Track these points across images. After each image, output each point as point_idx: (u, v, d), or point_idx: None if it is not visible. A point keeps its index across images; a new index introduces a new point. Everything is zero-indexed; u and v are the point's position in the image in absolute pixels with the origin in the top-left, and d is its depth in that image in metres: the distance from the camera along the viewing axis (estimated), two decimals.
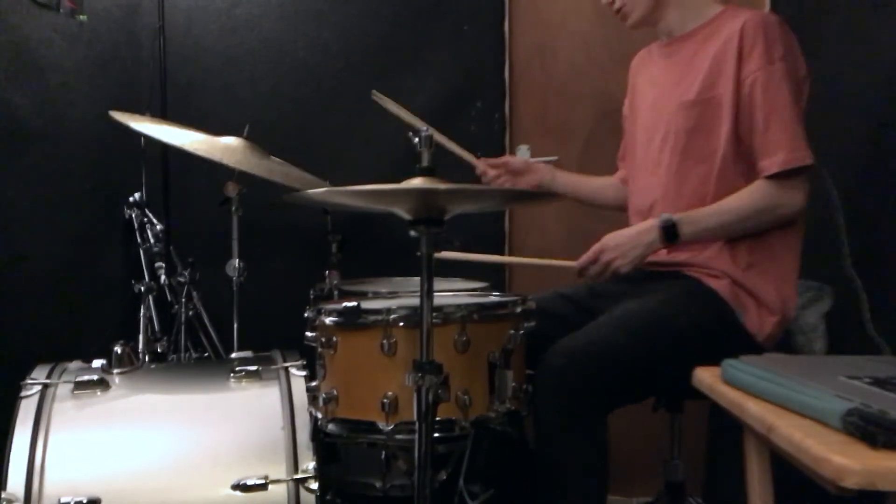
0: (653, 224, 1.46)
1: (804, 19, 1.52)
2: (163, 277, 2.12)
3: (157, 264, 2.16)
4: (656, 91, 1.65)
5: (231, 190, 1.98)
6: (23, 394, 1.40)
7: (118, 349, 1.53)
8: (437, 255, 1.20)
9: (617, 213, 1.81)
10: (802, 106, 1.47)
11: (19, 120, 1.95)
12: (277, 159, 1.98)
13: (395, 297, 1.67)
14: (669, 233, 1.44)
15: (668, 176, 1.57)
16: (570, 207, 2.06)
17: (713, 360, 1.08)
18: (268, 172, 1.83)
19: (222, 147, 1.88)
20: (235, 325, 2.00)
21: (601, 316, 1.47)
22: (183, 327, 2.07)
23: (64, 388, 1.42)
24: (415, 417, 1.14)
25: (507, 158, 1.81)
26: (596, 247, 1.47)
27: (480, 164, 1.80)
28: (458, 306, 1.29)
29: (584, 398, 1.31)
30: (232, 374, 1.49)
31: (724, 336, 1.46)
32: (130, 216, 2.26)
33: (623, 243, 1.46)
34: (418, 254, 1.16)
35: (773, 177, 1.44)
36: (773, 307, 1.50)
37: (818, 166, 1.46)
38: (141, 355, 1.98)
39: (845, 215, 1.70)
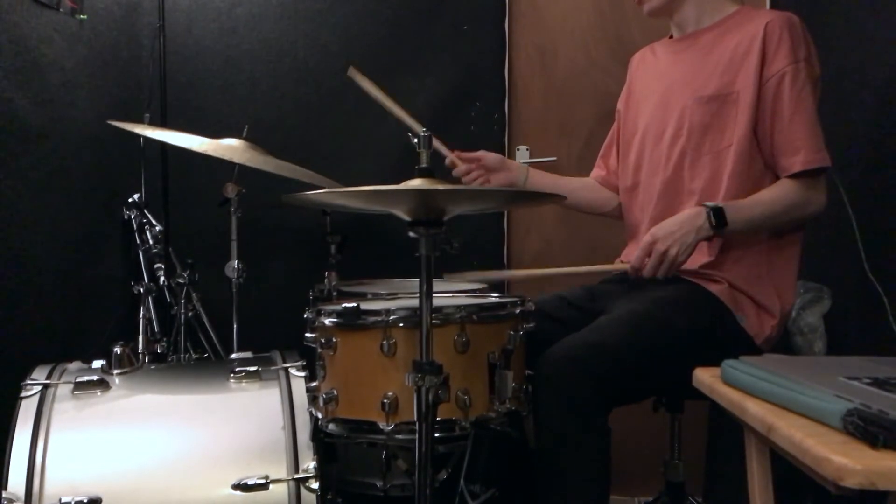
0: (699, 209, 1.43)
1: (803, 19, 1.52)
2: (162, 278, 2.12)
3: (157, 265, 2.16)
4: (664, 87, 1.64)
5: (230, 191, 1.98)
6: (23, 394, 1.40)
7: (118, 350, 1.53)
8: (497, 275, 1.15)
9: (618, 211, 1.80)
10: (817, 108, 1.48)
11: (19, 120, 1.95)
12: (277, 159, 1.98)
13: (395, 298, 1.67)
14: (718, 217, 1.40)
15: (677, 171, 1.57)
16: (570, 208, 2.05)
17: (712, 362, 1.08)
18: (274, 167, 1.83)
19: (222, 148, 1.89)
20: (235, 326, 2.00)
21: (601, 318, 1.47)
22: (182, 328, 2.08)
23: (64, 389, 1.42)
24: (415, 417, 1.14)
25: (481, 154, 1.71)
26: (646, 240, 1.42)
27: (451, 156, 1.71)
28: (458, 307, 1.29)
29: (584, 396, 1.31)
30: (232, 375, 1.50)
31: (723, 338, 1.46)
32: (129, 217, 2.27)
33: (674, 230, 1.41)
34: (417, 255, 1.16)
35: (796, 176, 1.45)
36: (772, 310, 1.50)
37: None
38: (141, 356, 1.98)
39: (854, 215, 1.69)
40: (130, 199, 2.28)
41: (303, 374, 1.51)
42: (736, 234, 1.47)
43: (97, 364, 1.53)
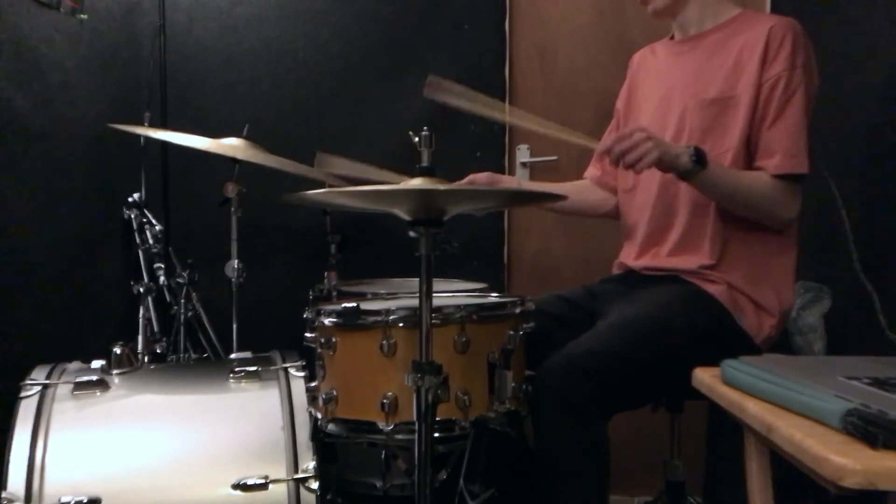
0: (683, 144, 1.41)
1: (803, 19, 1.52)
2: (162, 278, 2.12)
3: (157, 265, 2.16)
4: (664, 88, 1.64)
5: (230, 190, 1.98)
6: (23, 394, 1.40)
7: (117, 350, 1.53)
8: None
9: (614, 212, 1.80)
10: (810, 118, 1.47)
11: (19, 120, 1.95)
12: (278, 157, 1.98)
13: (395, 297, 1.67)
14: (699, 155, 1.37)
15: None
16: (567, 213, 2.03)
17: (712, 363, 1.08)
18: (277, 164, 1.83)
19: (223, 147, 1.89)
20: (235, 326, 2.00)
21: (600, 322, 1.47)
22: (182, 328, 2.07)
23: (64, 389, 1.42)
24: (414, 417, 1.14)
25: (470, 178, 1.71)
26: (633, 126, 1.39)
27: None
28: (458, 307, 1.29)
29: (586, 404, 1.31)
30: (231, 375, 1.50)
31: (723, 338, 1.46)
32: (129, 217, 2.27)
33: (661, 140, 1.38)
34: (417, 254, 1.16)
35: (772, 179, 1.45)
36: (771, 310, 1.50)
37: (819, 168, 1.46)
38: (140, 356, 1.98)
39: (847, 217, 1.70)
40: (130, 199, 2.28)
41: (302, 374, 1.50)
42: (708, 191, 1.45)
43: (97, 364, 1.53)
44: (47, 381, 1.43)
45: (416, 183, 1.13)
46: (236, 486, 1.31)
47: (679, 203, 1.56)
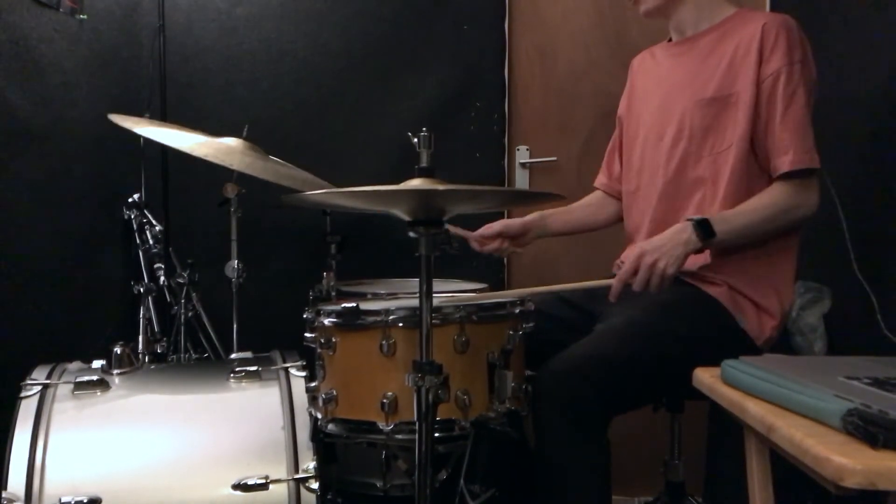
0: (684, 224, 1.41)
1: (803, 20, 1.52)
2: (162, 278, 2.12)
3: (157, 265, 2.16)
4: (664, 90, 1.64)
5: (230, 191, 1.98)
6: (23, 394, 1.40)
7: (118, 350, 1.53)
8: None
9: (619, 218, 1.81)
10: (811, 111, 1.48)
11: (19, 120, 1.95)
12: (277, 160, 1.98)
13: (394, 298, 1.67)
14: (704, 228, 1.38)
15: (678, 174, 1.57)
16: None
17: (713, 364, 1.08)
18: (273, 175, 1.82)
19: (222, 148, 1.88)
20: (235, 326, 2.00)
21: (600, 325, 1.47)
22: (182, 328, 2.07)
23: (64, 389, 1.43)
24: (415, 417, 1.14)
25: (503, 225, 1.72)
26: (632, 255, 1.38)
27: (474, 239, 1.70)
28: (458, 307, 1.29)
29: (587, 407, 1.31)
30: (232, 375, 1.50)
31: (724, 340, 1.46)
32: (129, 217, 2.27)
33: (662, 244, 1.38)
34: (417, 255, 1.16)
35: (787, 178, 1.44)
36: (772, 311, 1.49)
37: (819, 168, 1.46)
38: (140, 356, 1.98)
39: (844, 217, 1.70)
40: (130, 199, 2.28)
41: (302, 374, 1.51)
42: (728, 244, 1.46)
43: (97, 364, 1.53)
44: (48, 381, 1.44)
45: (416, 183, 1.13)
46: (237, 487, 1.31)
47: (681, 205, 1.56)
